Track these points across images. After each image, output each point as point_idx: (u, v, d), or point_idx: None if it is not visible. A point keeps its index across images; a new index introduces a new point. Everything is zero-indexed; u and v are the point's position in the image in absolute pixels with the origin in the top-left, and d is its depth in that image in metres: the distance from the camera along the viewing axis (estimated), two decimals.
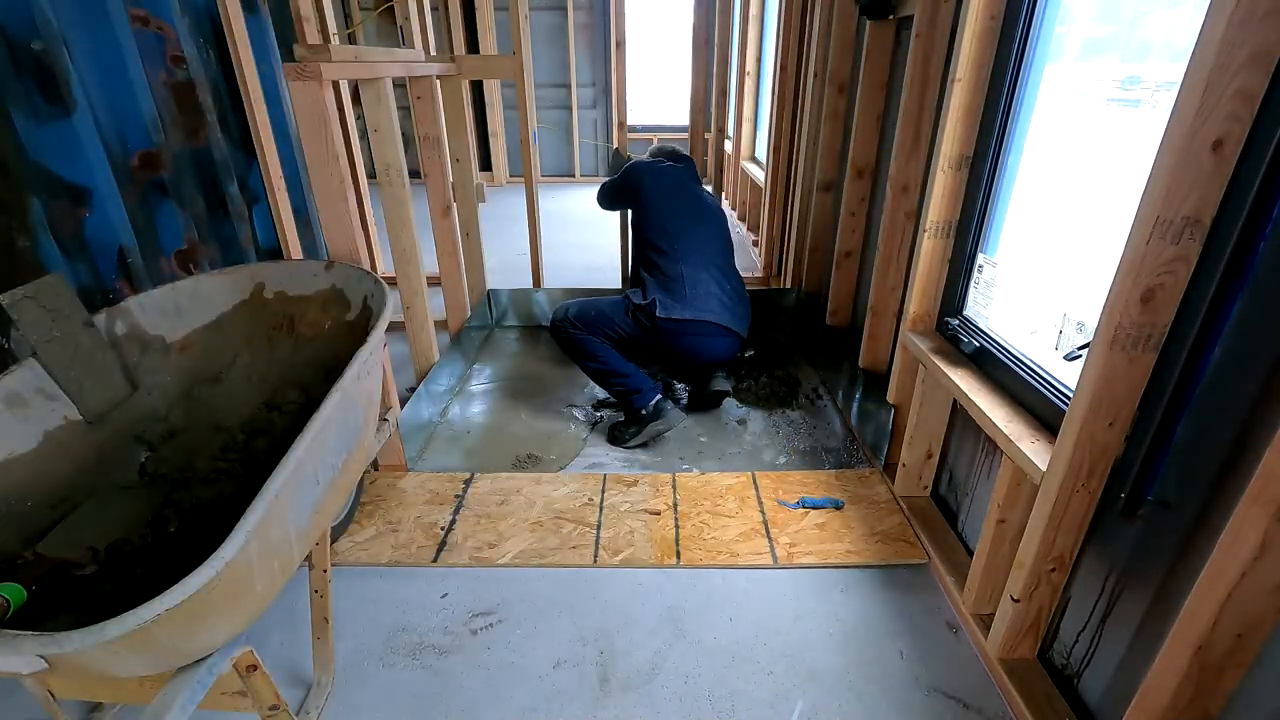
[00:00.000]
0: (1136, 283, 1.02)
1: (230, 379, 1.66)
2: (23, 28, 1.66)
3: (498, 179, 7.60)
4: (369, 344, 1.34)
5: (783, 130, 3.47)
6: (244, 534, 0.89)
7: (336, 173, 1.69)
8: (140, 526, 1.35)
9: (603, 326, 2.34)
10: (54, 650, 0.76)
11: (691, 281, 2.36)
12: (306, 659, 1.46)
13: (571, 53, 7.18)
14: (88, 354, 1.36)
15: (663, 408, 2.28)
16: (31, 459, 1.24)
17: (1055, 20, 1.46)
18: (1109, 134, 1.43)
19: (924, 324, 1.86)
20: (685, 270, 2.37)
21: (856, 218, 2.54)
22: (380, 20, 6.22)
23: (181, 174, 2.16)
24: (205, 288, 1.63)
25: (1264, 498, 0.82)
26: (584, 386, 2.72)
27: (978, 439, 1.68)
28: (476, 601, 1.63)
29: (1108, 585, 1.21)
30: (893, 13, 2.10)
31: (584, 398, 2.63)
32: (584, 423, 2.44)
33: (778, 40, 3.52)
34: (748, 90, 5.31)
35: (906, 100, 1.90)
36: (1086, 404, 1.11)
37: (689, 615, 1.59)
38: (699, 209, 2.55)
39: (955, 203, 1.71)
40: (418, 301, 2.46)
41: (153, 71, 2.04)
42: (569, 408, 2.55)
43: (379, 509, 1.93)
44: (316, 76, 1.57)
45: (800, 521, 1.88)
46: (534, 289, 3.37)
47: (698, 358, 2.43)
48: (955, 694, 1.40)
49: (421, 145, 2.62)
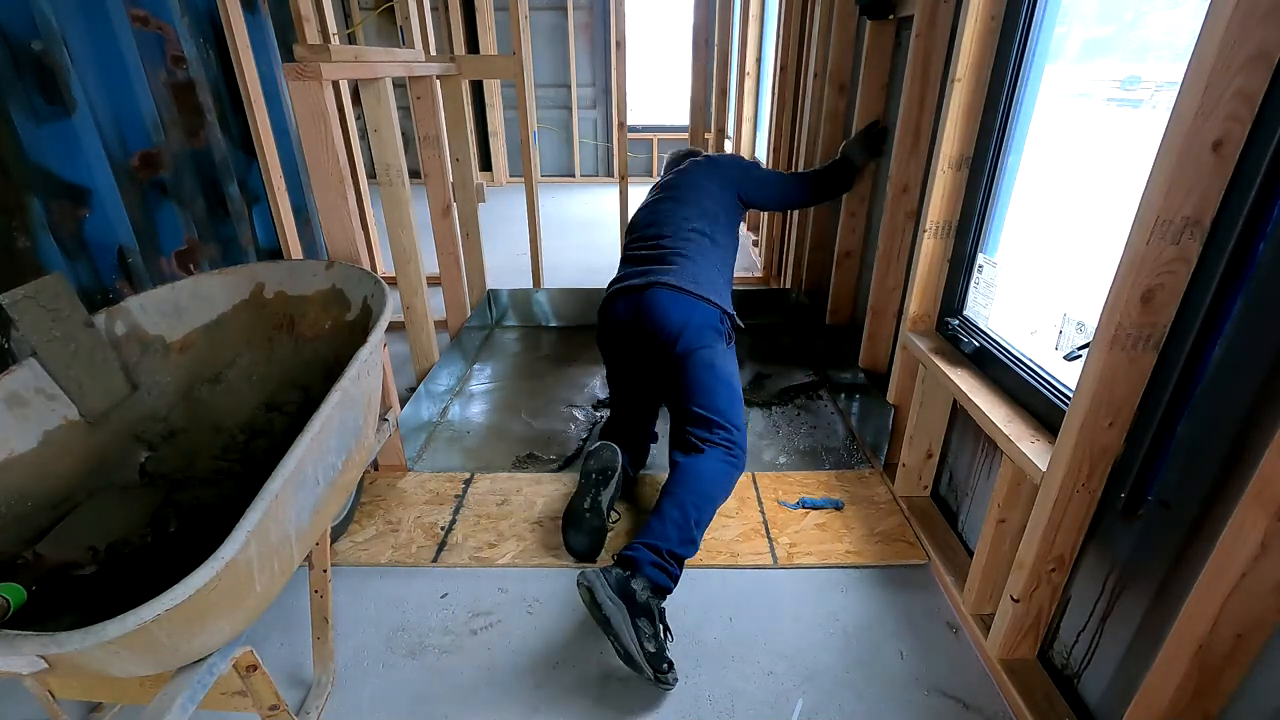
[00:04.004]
0: (1136, 283, 1.02)
1: (230, 379, 1.66)
2: (23, 28, 1.66)
3: (498, 179, 7.60)
4: (369, 344, 1.34)
5: (783, 130, 3.47)
6: (244, 534, 0.89)
7: (336, 173, 1.69)
8: (140, 526, 1.35)
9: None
10: (54, 650, 0.76)
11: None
12: (306, 659, 1.46)
13: (571, 53, 7.18)
14: (88, 354, 1.36)
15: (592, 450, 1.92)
16: (31, 459, 1.24)
17: (1055, 20, 1.46)
18: (1109, 134, 1.44)
19: (924, 324, 1.86)
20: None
21: (856, 218, 2.54)
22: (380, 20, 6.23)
23: (181, 174, 2.16)
24: (205, 288, 1.63)
25: (1264, 498, 0.82)
26: (584, 386, 2.72)
27: (978, 439, 1.68)
28: (476, 601, 1.63)
29: (1108, 585, 1.21)
30: (893, 13, 2.10)
31: (584, 398, 2.63)
32: (584, 423, 2.44)
33: (778, 40, 3.52)
34: (748, 90, 5.30)
35: (906, 100, 1.90)
36: (1086, 404, 1.11)
37: (689, 615, 1.59)
38: (669, 189, 2.29)
39: (955, 203, 1.71)
40: (418, 301, 2.46)
41: (153, 71, 2.04)
42: (569, 408, 2.55)
43: (379, 509, 1.93)
44: (316, 76, 1.57)
45: (800, 522, 1.88)
46: (534, 289, 3.37)
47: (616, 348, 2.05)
48: (955, 694, 1.40)
49: (421, 145, 2.62)
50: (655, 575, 1.48)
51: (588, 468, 1.86)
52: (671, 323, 1.87)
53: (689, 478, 1.70)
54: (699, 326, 1.88)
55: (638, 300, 1.94)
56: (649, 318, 1.90)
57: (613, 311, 2.01)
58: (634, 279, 1.98)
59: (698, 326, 1.88)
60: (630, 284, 1.97)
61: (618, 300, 2.00)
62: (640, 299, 1.93)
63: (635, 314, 1.93)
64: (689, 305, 1.91)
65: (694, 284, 1.95)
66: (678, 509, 1.62)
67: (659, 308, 1.90)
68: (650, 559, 1.50)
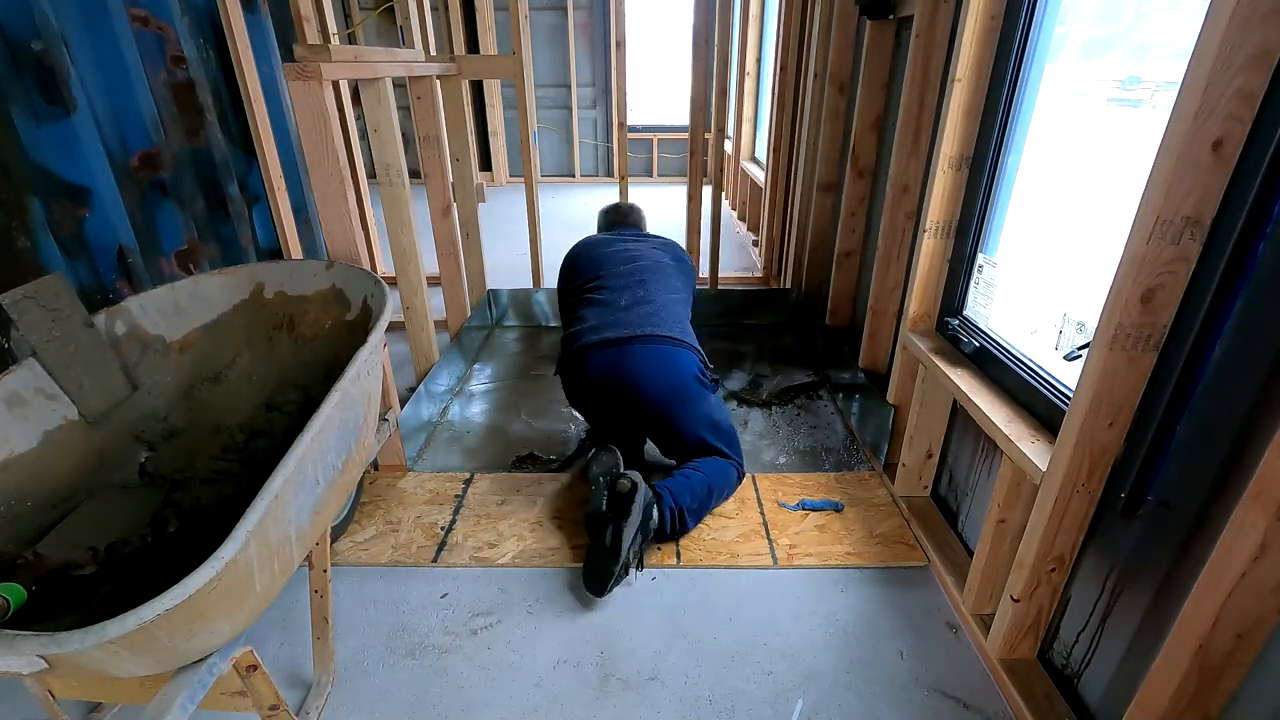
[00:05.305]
0: (1136, 283, 1.02)
1: (230, 379, 1.66)
2: (23, 28, 1.66)
3: (498, 179, 7.60)
4: (369, 344, 1.34)
5: (783, 130, 3.47)
6: (244, 534, 0.89)
7: (336, 173, 1.69)
8: (140, 526, 1.35)
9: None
10: (54, 650, 0.76)
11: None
12: (306, 659, 1.46)
13: (571, 53, 7.18)
14: (88, 354, 1.36)
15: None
16: (31, 459, 1.24)
17: (1055, 20, 1.46)
18: (1109, 134, 1.44)
19: (924, 324, 1.86)
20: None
21: (856, 218, 2.54)
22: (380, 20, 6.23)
23: (181, 174, 2.16)
24: (205, 287, 1.63)
25: (1264, 498, 0.82)
26: None
27: (978, 439, 1.68)
28: (476, 601, 1.63)
29: (1108, 585, 1.21)
30: (893, 13, 2.10)
31: None
32: (584, 423, 2.44)
33: (778, 40, 3.52)
34: (748, 90, 5.31)
35: (906, 100, 1.90)
36: (1086, 404, 1.11)
37: (689, 615, 1.59)
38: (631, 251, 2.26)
39: (955, 203, 1.71)
40: (418, 301, 2.46)
41: (153, 71, 2.04)
42: (569, 408, 2.55)
43: (379, 509, 1.93)
44: (316, 76, 1.57)
45: (800, 523, 1.88)
46: (534, 289, 3.37)
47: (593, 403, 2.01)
48: (955, 694, 1.40)
49: (421, 145, 2.62)
50: (666, 516, 1.72)
51: (594, 473, 1.84)
52: (656, 383, 1.85)
53: (711, 464, 1.88)
54: (683, 382, 1.88)
55: (619, 356, 1.87)
56: (633, 375, 1.85)
57: (590, 365, 1.90)
58: (614, 331, 1.91)
59: (682, 383, 1.87)
60: (611, 336, 1.90)
61: (594, 353, 1.90)
62: (622, 354, 1.87)
63: (616, 371, 1.87)
64: (673, 359, 1.88)
65: (677, 330, 1.95)
66: (700, 481, 1.82)
67: (644, 366, 1.86)
68: (670, 503, 1.74)
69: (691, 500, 1.77)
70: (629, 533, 1.60)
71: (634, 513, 1.62)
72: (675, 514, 1.73)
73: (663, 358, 1.88)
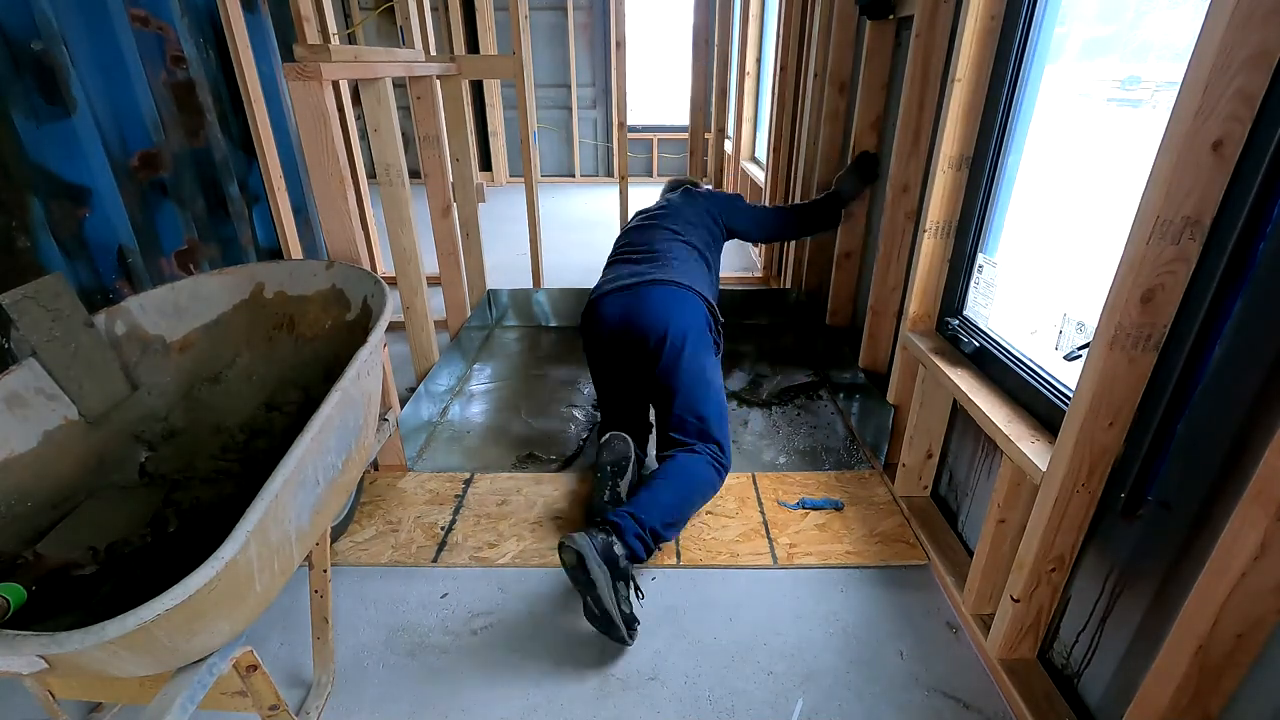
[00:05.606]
0: (1136, 283, 1.02)
1: (230, 379, 1.66)
2: (23, 28, 1.66)
3: (498, 179, 7.60)
4: (369, 344, 1.34)
5: (783, 130, 3.47)
6: (244, 534, 0.89)
7: (336, 173, 1.69)
8: (140, 526, 1.35)
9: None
10: (54, 650, 0.76)
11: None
12: (306, 659, 1.46)
13: (571, 53, 7.18)
14: (88, 354, 1.36)
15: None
16: (31, 459, 1.24)
17: (1055, 20, 1.46)
18: (1109, 134, 1.44)
19: (924, 324, 1.86)
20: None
21: (856, 218, 2.54)
22: (380, 20, 6.23)
23: (181, 174, 2.16)
24: (205, 288, 1.63)
25: (1264, 498, 0.82)
26: (584, 386, 2.72)
27: (978, 439, 1.68)
28: (476, 601, 1.63)
29: (1108, 585, 1.21)
30: (893, 13, 2.10)
31: (584, 398, 2.63)
32: (584, 423, 2.44)
33: (778, 40, 3.52)
34: (748, 90, 5.30)
35: (906, 100, 1.90)
36: (1086, 404, 1.11)
37: (689, 615, 1.59)
38: (655, 214, 2.40)
39: (955, 203, 1.71)
40: (418, 301, 2.46)
41: (153, 71, 2.04)
42: (569, 408, 2.55)
43: (379, 509, 1.93)
44: (316, 76, 1.57)
45: (800, 522, 1.88)
46: (534, 289, 3.37)
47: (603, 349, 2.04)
48: (955, 694, 1.40)
49: (421, 145, 2.62)
50: (635, 545, 1.57)
51: (603, 460, 1.88)
52: (664, 320, 1.90)
53: (682, 470, 1.78)
54: (690, 326, 1.91)
55: (630, 298, 1.97)
56: (641, 314, 1.92)
57: (602, 310, 2.01)
58: (625, 279, 2.03)
59: (688, 326, 1.91)
60: (622, 283, 2.01)
61: (607, 299, 2.01)
62: (633, 295, 1.97)
63: (626, 311, 1.95)
64: (680, 300, 1.95)
65: (686, 278, 2.02)
66: (669, 493, 1.71)
67: (652, 304, 1.93)
68: (634, 529, 1.59)
69: (664, 515, 1.66)
70: (606, 595, 1.43)
71: (597, 578, 1.43)
72: (643, 538, 1.59)
73: (670, 298, 1.95)
